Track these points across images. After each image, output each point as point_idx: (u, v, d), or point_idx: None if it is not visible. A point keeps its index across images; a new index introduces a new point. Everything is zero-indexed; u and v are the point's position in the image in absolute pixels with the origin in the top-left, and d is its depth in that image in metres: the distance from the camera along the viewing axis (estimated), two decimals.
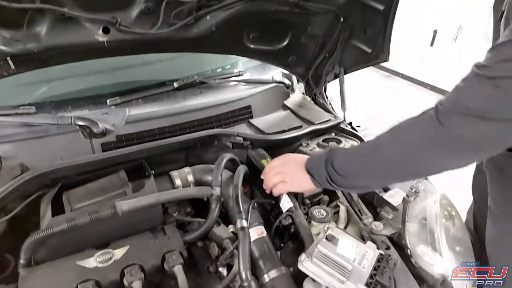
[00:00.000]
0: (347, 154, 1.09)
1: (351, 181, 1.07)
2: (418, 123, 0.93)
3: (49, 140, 1.33)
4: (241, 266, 1.01)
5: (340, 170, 1.04)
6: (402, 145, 0.96)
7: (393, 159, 0.98)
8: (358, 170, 1.05)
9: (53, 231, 1.02)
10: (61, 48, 1.26)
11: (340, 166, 1.04)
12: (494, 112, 0.81)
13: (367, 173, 1.05)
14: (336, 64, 1.83)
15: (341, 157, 1.06)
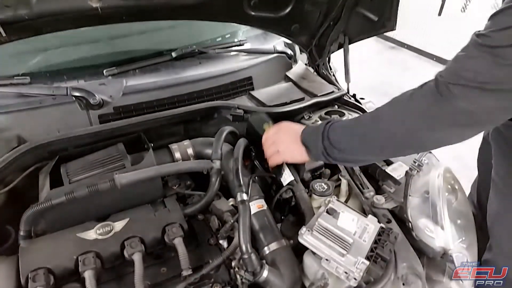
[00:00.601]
0: (345, 128, 1.04)
1: (349, 155, 1.04)
2: (418, 96, 0.90)
3: (45, 111, 1.30)
4: (241, 238, 1.00)
5: (337, 144, 1.01)
6: (402, 119, 0.93)
7: (392, 133, 0.95)
8: (356, 145, 1.02)
9: (52, 203, 1.01)
10: (53, 14, 1.20)
11: (338, 140, 1.01)
12: (494, 82, 0.79)
13: (366, 148, 1.03)
14: (341, 33, 1.76)
15: (338, 131, 1.03)
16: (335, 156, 1.03)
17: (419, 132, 0.92)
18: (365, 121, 1.04)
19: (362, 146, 1.02)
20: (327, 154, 1.04)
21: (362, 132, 1.01)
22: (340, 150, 1.02)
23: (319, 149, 1.05)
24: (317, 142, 1.05)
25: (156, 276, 1.03)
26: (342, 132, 1.03)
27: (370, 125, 1.00)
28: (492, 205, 1.43)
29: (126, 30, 1.58)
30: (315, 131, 1.07)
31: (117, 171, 1.12)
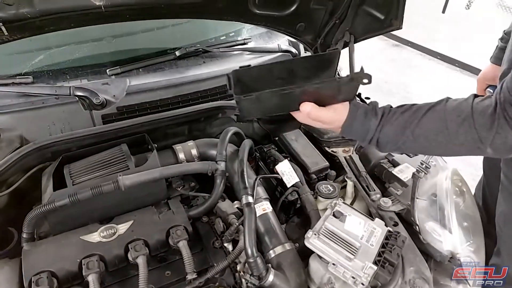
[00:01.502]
0: (396, 135, 0.92)
1: (392, 148, 0.97)
2: (468, 119, 0.83)
3: (47, 111, 1.29)
4: (246, 242, 0.99)
5: (384, 142, 0.94)
6: (447, 140, 0.86)
7: (434, 146, 0.90)
8: (397, 147, 0.95)
9: (55, 205, 1.00)
10: (56, 13, 1.18)
11: (384, 139, 0.93)
12: None
13: (406, 150, 1.03)
14: (346, 32, 1.73)
15: (388, 137, 0.92)
16: (383, 147, 0.96)
17: (456, 150, 0.88)
18: (412, 133, 0.91)
19: (404, 149, 0.98)
20: (368, 144, 0.96)
21: (406, 142, 0.92)
22: (382, 147, 0.96)
23: (365, 143, 0.96)
24: (364, 139, 0.95)
25: (160, 280, 1.02)
26: (391, 130, 0.92)
27: (410, 134, 0.90)
28: (500, 208, 1.41)
29: (129, 29, 1.56)
30: (359, 128, 0.94)
31: (121, 172, 1.11)
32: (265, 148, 1.47)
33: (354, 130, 0.95)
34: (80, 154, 1.21)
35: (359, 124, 0.93)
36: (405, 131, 0.90)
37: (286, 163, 1.30)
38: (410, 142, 0.91)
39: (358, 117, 0.93)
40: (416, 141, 0.90)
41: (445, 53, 5.11)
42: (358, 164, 1.36)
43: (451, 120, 0.85)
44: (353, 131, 0.95)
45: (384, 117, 0.92)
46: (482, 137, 0.82)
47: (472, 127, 0.82)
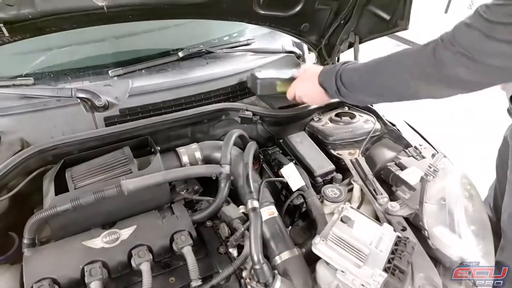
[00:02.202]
0: (355, 70, 1.13)
1: (356, 95, 1.14)
2: (418, 53, 0.97)
3: (49, 113, 1.26)
4: (252, 248, 0.97)
5: (348, 85, 1.11)
6: (400, 69, 1.01)
7: (392, 84, 1.05)
8: (362, 87, 1.12)
9: (57, 210, 0.98)
10: (57, 13, 1.16)
11: (348, 82, 1.11)
12: (482, 55, 0.82)
13: (370, 91, 1.12)
14: (351, 32, 1.71)
15: (349, 73, 1.12)
16: (346, 95, 1.13)
17: (412, 83, 1.00)
18: (371, 68, 1.10)
19: (366, 89, 1.12)
20: (339, 93, 1.14)
21: (367, 77, 1.10)
22: (349, 91, 1.12)
23: (333, 88, 1.14)
24: (331, 82, 1.14)
25: (164, 286, 1.01)
26: (352, 74, 1.12)
27: (375, 72, 1.08)
28: (506, 207, 1.40)
29: (132, 29, 1.54)
30: (330, 71, 1.16)
31: (124, 176, 1.09)
32: (270, 150, 1.45)
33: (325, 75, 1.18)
34: (82, 157, 1.19)
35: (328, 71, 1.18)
36: (367, 66, 1.08)
37: (291, 166, 1.27)
38: (375, 77, 1.07)
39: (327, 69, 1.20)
40: (379, 72, 1.06)
41: None
42: (364, 167, 1.34)
43: (406, 57, 1.02)
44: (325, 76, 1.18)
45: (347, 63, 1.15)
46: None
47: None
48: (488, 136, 1.28)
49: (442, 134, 3.04)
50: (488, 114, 1.57)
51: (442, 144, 1.50)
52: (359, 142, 1.45)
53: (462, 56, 0.84)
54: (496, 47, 0.80)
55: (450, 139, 3.19)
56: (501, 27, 0.78)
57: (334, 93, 1.15)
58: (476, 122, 3.32)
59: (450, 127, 3.50)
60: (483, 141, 1.17)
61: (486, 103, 2.50)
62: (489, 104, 1.36)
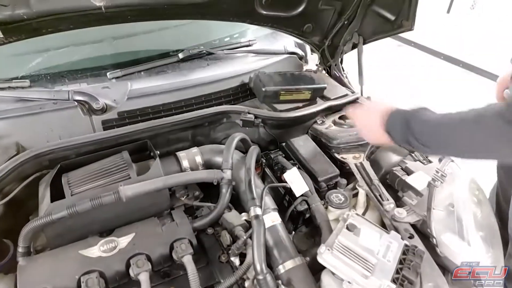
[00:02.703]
0: (429, 125, 0.99)
1: (429, 150, 1.01)
2: (502, 116, 0.86)
3: (45, 116, 1.23)
4: (255, 257, 0.94)
5: (420, 137, 0.99)
6: (480, 133, 0.91)
7: (473, 148, 0.95)
8: (436, 144, 0.99)
9: (52, 218, 0.94)
10: (54, 14, 1.13)
11: (420, 136, 0.99)
12: None
13: (447, 150, 1.03)
14: (355, 33, 1.68)
15: (422, 126, 0.99)
16: (419, 148, 1.02)
17: (499, 152, 0.92)
18: (448, 125, 0.98)
19: (443, 147, 1.01)
20: (408, 144, 1.02)
21: (444, 135, 0.97)
22: (423, 144, 0.99)
23: (403, 139, 1.03)
24: (401, 133, 1.02)
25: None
26: (425, 128, 0.99)
27: (452, 132, 0.96)
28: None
29: (131, 30, 1.50)
30: (400, 120, 1.04)
31: (122, 182, 1.05)
32: (272, 154, 1.41)
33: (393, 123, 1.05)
34: (79, 162, 1.16)
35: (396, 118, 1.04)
36: (443, 121, 0.97)
37: (294, 171, 1.24)
38: (452, 136, 0.95)
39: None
40: (457, 132, 0.95)
41: (449, 54, 5.05)
42: (369, 172, 1.30)
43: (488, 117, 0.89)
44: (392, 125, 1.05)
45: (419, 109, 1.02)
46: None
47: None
48: None
49: None
50: None
51: None
52: (364, 146, 1.41)
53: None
54: None
55: None
56: None
57: (401, 141, 1.04)
58: None
59: None
60: None
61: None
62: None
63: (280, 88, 1.47)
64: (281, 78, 1.52)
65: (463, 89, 4.29)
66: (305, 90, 1.52)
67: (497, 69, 4.46)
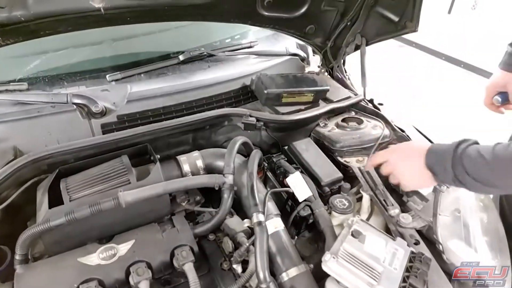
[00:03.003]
0: (482, 158, 0.90)
1: (486, 186, 0.91)
2: None
3: (43, 120, 1.21)
4: (258, 265, 0.92)
5: (472, 173, 0.90)
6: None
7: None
8: (493, 179, 0.90)
9: (50, 225, 0.92)
10: (52, 16, 1.10)
11: (473, 169, 0.90)
12: None
13: (505, 184, 0.91)
14: (358, 34, 1.66)
15: (474, 160, 0.90)
16: (471, 184, 0.91)
17: None
18: (503, 159, 0.89)
19: (501, 182, 0.91)
20: (458, 181, 0.92)
21: (501, 169, 0.89)
22: (477, 180, 0.90)
23: (449, 174, 0.93)
24: (446, 167, 0.93)
25: None
26: (479, 162, 0.90)
27: (504, 167, 0.88)
28: None
29: (130, 32, 1.48)
30: (444, 155, 0.95)
31: (122, 187, 1.03)
32: (274, 158, 1.39)
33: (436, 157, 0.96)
34: (78, 166, 1.13)
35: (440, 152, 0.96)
36: (497, 153, 0.87)
37: (297, 175, 1.21)
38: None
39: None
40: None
41: (451, 54, 5.03)
42: (373, 175, 1.28)
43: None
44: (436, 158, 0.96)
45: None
46: None
47: None
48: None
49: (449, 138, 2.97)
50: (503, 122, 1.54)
51: None
52: (368, 149, 1.39)
53: None
54: None
55: None
56: None
57: (451, 180, 0.94)
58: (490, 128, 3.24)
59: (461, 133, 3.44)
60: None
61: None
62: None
63: (282, 91, 1.45)
64: (283, 80, 1.50)
65: (465, 90, 4.26)
66: (308, 92, 1.50)
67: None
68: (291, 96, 1.47)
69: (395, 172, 1.07)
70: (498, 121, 2.08)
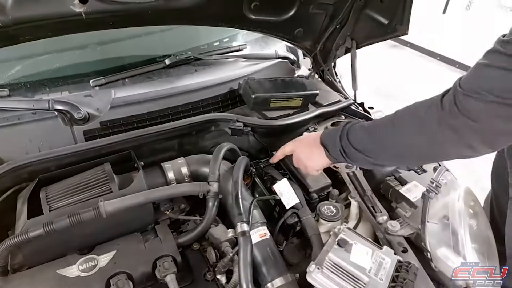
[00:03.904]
0: (363, 128, 0.99)
1: (368, 157, 0.97)
2: (436, 107, 0.84)
3: (24, 127, 1.18)
4: (241, 276, 0.90)
5: (355, 143, 0.98)
6: (420, 130, 0.87)
7: (410, 144, 0.91)
8: (374, 148, 0.97)
9: (28, 236, 0.89)
10: (31, 21, 1.08)
11: (355, 140, 0.98)
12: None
13: (385, 153, 0.97)
14: (348, 37, 1.64)
15: (357, 131, 0.99)
16: (354, 156, 0.98)
17: (436, 144, 0.87)
18: (383, 126, 0.98)
19: (381, 151, 0.97)
20: (345, 153, 1.00)
21: (380, 136, 0.96)
22: (358, 151, 0.97)
23: (337, 146, 1.01)
24: (335, 140, 1.01)
25: None
26: (360, 132, 0.98)
27: (388, 131, 0.95)
28: (510, 227, 1.32)
29: (115, 35, 1.46)
30: (334, 130, 1.05)
31: (103, 196, 1.00)
32: (262, 164, 1.37)
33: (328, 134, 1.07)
34: (59, 174, 1.11)
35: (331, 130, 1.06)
36: (378, 123, 0.97)
37: (284, 182, 1.19)
38: (388, 136, 0.94)
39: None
40: (392, 130, 0.93)
41: (445, 54, 5.03)
42: (362, 181, 1.26)
43: (423, 111, 0.86)
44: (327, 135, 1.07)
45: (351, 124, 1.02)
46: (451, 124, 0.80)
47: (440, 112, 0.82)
48: None
49: None
50: None
51: None
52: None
53: (493, 103, 0.73)
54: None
55: None
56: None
57: (339, 153, 1.00)
58: None
59: None
60: None
61: None
62: None
63: (270, 95, 1.43)
64: (271, 84, 1.48)
65: None
66: (296, 96, 1.48)
67: None
68: (279, 101, 1.46)
69: (300, 156, 1.15)
70: None
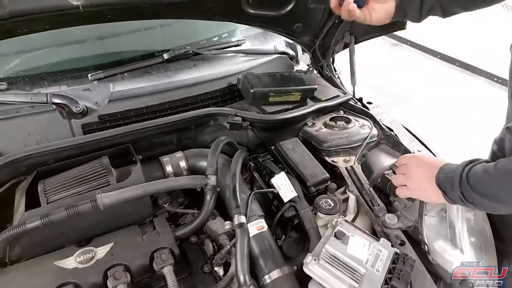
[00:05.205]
0: (484, 171, 0.89)
1: (493, 202, 0.89)
2: None
3: (22, 121, 1.18)
4: (238, 268, 0.90)
5: (479, 189, 0.89)
6: None
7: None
8: (495, 191, 0.88)
9: (26, 228, 0.90)
10: (28, 14, 1.07)
11: (479, 186, 0.88)
12: None
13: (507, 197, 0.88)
14: (346, 32, 1.64)
15: (479, 177, 0.89)
16: (476, 200, 0.89)
17: None
18: (508, 172, 0.87)
19: (508, 197, 0.88)
20: (465, 199, 0.90)
21: (506, 182, 0.87)
22: (482, 196, 0.88)
23: (456, 192, 0.91)
24: (454, 186, 0.91)
25: None
26: (484, 178, 0.88)
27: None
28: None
29: (113, 30, 1.46)
30: (453, 174, 0.93)
31: (101, 189, 1.01)
32: (260, 158, 1.37)
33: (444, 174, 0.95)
34: (57, 167, 1.11)
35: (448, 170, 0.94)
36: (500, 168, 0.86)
37: (282, 176, 1.20)
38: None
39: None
40: None
41: (445, 52, 5.02)
42: (360, 175, 1.26)
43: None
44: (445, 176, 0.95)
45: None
46: None
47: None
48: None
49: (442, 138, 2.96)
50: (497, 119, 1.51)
51: (442, 149, 1.43)
52: (355, 149, 1.37)
53: None
54: None
55: (451, 143, 3.12)
56: None
57: (459, 199, 0.92)
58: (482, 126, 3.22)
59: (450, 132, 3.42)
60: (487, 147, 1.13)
61: (498, 108, 2.41)
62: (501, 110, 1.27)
63: (269, 90, 1.43)
64: (270, 79, 1.48)
65: (460, 88, 4.26)
66: (295, 91, 1.48)
67: (493, 68, 4.45)
68: (278, 96, 1.46)
69: (408, 173, 1.04)
70: (491, 117, 2.07)
